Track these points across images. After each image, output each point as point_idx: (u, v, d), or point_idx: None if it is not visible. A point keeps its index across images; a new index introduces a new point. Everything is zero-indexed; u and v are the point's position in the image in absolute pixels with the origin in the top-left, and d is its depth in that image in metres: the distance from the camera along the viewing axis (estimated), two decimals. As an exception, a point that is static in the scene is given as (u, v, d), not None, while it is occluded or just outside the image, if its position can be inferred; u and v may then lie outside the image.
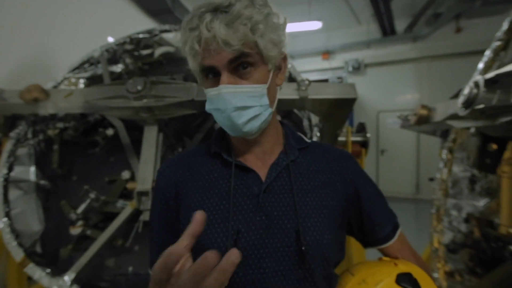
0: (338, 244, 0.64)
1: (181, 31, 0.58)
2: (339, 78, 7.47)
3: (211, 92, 0.57)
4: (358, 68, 7.30)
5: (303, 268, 0.58)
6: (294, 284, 0.58)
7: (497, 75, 0.95)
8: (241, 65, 0.55)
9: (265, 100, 0.58)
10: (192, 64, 0.59)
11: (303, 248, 0.57)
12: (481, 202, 1.41)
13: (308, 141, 0.71)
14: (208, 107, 0.60)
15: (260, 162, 0.65)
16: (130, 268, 1.50)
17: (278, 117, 1.71)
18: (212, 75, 0.57)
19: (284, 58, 0.63)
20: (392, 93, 7.13)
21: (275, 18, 0.57)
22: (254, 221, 0.60)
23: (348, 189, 0.67)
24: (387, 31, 6.70)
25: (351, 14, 6.60)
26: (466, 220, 1.40)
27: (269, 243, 0.58)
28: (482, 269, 1.26)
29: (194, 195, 0.63)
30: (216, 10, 0.53)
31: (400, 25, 6.67)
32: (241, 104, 0.56)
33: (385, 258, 0.69)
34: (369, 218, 0.68)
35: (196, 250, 0.58)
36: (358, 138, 1.82)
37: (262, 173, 0.63)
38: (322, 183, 0.65)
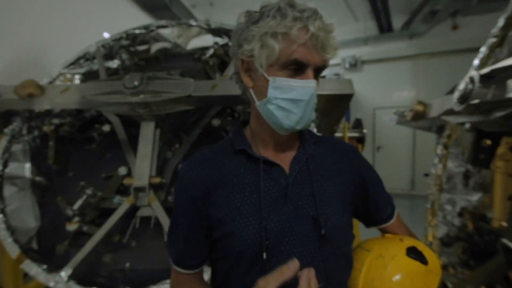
0: (351, 225, 0.72)
1: (268, 12, 0.59)
2: (336, 74, 7.46)
3: (296, 83, 0.61)
4: (355, 64, 7.30)
5: (326, 249, 0.65)
6: (319, 264, 0.64)
7: (492, 71, 0.96)
8: (317, 71, 0.62)
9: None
10: (277, 47, 0.59)
11: (322, 231, 0.63)
12: (475, 197, 1.43)
13: (319, 135, 0.77)
14: (276, 94, 0.62)
15: (282, 155, 0.69)
16: (127, 264, 1.50)
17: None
18: (295, 68, 0.60)
19: None
20: (388, 90, 7.14)
21: None
22: (283, 211, 0.64)
23: (356, 177, 0.73)
24: (384, 28, 6.70)
25: (348, 11, 6.59)
26: (460, 214, 1.42)
27: (297, 230, 0.64)
28: (474, 262, 1.28)
29: (223, 191, 0.66)
30: (314, 13, 0.58)
31: (397, 22, 6.66)
32: (315, 102, 0.64)
33: (388, 235, 0.78)
34: (374, 201, 0.77)
35: (236, 242, 0.64)
36: (355, 134, 1.83)
37: (285, 166, 0.68)
38: (335, 173, 0.71)
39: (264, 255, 0.61)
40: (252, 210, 0.64)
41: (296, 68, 0.60)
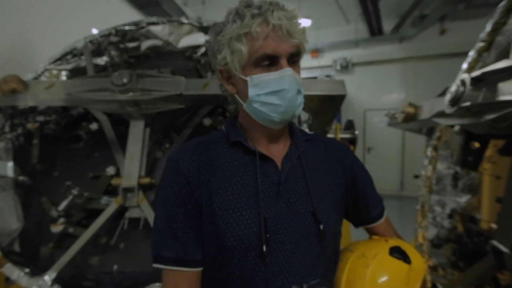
0: (341, 224, 0.74)
1: (229, 18, 0.62)
2: (327, 76, 7.52)
3: (270, 76, 0.61)
4: (346, 67, 7.38)
5: (318, 246, 0.66)
6: (311, 261, 0.65)
7: (483, 74, 0.97)
8: (292, 58, 0.62)
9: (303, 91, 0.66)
10: (243, 48, 0.60)
11: (321, 226, 0.64)
12: (464, 199, 1.46)
13: (310, 133, 0.77)
14: (256, 92, 0.62)
15: (275, 152, 0.69)
16: (115, 266, 1.46)
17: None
18: (268, 62, 0.61)
19: None
20: (378, 92, 7.24)
21: None
22: (275, 207, 0.64)
23: (347, 175, 0.75)
24: (375, 31, 6.79)
25: (340, 13, 6.65)
26: (450, 216, 1.44)
27: (289, 227, 0.64)
28: (464, 263, 1.30)
29: (216, 182, 0.64)
30: (271, 4, 0.60)
31: (388, 25, 6.77)
32: (300, 87, 0.63)
33: (375, 237, 0.80)
34: (364, 200, 0.77)
35: (228, 235, 0.62)
36: (347, 135, 1.84)
37: (278, 162, 0.68)
38: (326, 171, 0.72)
39: (264, 248, 0.60)
40: (245, 204, 0.63)
41: (269, 63, 0.61)
